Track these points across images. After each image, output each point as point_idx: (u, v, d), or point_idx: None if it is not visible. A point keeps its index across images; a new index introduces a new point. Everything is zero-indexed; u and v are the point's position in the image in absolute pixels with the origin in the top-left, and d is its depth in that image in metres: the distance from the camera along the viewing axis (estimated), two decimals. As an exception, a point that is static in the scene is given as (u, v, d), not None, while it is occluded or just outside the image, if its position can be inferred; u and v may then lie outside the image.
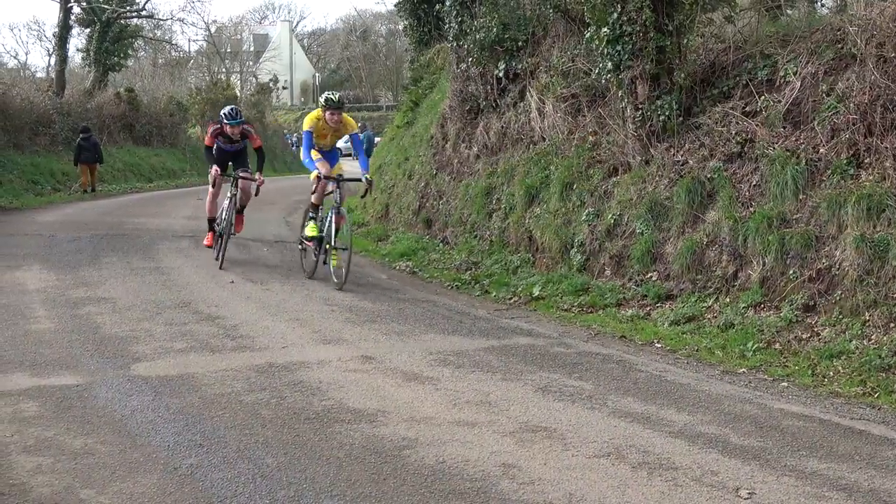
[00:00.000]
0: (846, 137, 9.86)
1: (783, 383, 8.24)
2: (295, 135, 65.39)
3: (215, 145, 14.32)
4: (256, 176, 14.19)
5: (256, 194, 14.44)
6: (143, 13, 44.78)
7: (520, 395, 7.68)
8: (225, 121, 14.07)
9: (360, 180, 13.62)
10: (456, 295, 12.73)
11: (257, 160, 14.44)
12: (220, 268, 13.89)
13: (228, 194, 14.55)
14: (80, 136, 29.30)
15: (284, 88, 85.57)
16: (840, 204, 9.44)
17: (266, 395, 7.57)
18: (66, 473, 5.77)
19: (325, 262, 13.24)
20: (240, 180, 14.38)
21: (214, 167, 14.07)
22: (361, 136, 15.33)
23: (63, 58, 38.80)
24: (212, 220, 14.65)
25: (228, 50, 79.60)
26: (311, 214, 13.61)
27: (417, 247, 16.24)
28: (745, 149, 10.91)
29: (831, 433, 6.81)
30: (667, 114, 11.77)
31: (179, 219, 21.12)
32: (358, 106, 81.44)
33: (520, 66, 15.42)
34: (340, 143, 15.36)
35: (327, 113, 12.85)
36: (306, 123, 13.06)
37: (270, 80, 68.56)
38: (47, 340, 9.36)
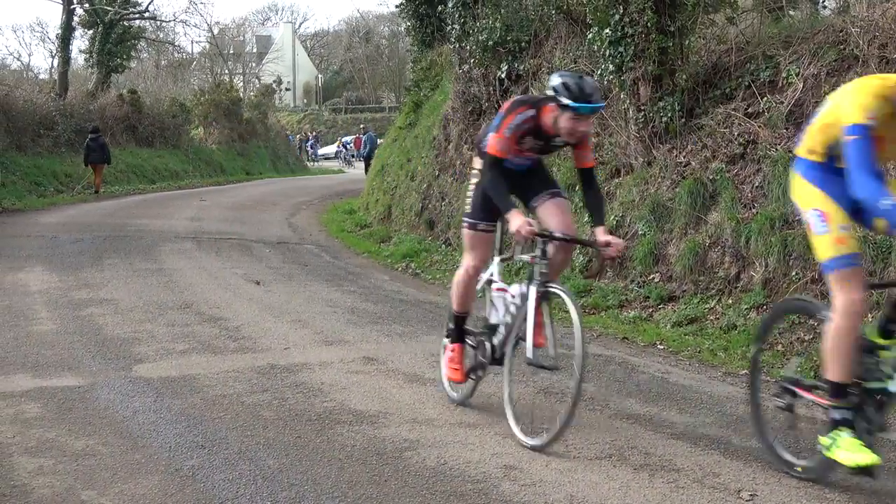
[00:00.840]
0: (848, 139, 9.84)
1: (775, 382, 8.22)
2: (297, 136, 65.34)
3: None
4: (602, 234, 6.76)
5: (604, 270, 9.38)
6: (146, 15, 44.80)
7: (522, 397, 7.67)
8: (566, 101, 6.41)
9: None
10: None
11: (589, 199, 7.08)
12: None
13: (530, 279, 6.86)
14: (89, 136, 29.43)
15: (287, 90, 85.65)
16: (843, 206, 9.42)
17: (268, 396, 7.58)
18: (67, 475, 5.78)
19: None
20: (552, 245, 6.84)
21: (515, 215, 6.69)
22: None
23: (66, 59, 38.84)
24: (462, 318, 7.38)
25: (231, 51, 79.68)
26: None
27: (420, 248, 16.25)
28: (748, 150, 10.90)
29: (833, 435, 6.79)
30: (669, 115, 11.77)
31: (182, 220, 21.14)
32: (361, 107, 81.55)
33: (522, 68, 15.42)
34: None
35: None
36: (861, 108, 5.40)
37: (274, 81, 68.64)
38: (49, 342, 9.38)
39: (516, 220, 6.60)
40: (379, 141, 38.21)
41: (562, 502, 5.43)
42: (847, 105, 5.51)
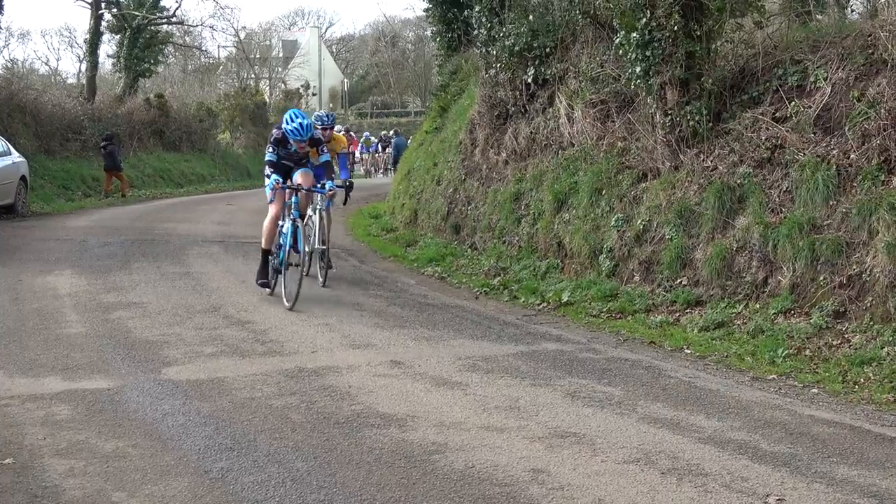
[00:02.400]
0: (877, 143, 9.81)
1: (813, 390, 8.20)
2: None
3: None
4: None
5: None
6: (174, 20, 45.00)
7: (549, 401, 7.68)
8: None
9: None
10: (485, 300, 12.73)
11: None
12: None
13: None
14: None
15: (314, 95, 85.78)
16: (871, 210, 9.39)
17: (296, 399, 7.61)
18: (98, 476, 5.82)
19: None
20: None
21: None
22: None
23: (94, 64, 39.02)
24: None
25: (257, 56, 79.81)
26: None
27: (446, 252, 16.25)
28: (775, 154, 10.86)
29: (862, 440, 6.78)
30: (696, 119, 11.74)
31: (209, 224, 21.21)
32: (386, 112, 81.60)
33: (549, 72, 15.40)
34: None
35: None
36: None
37: (302, 85, 68.71)
38: (79, 344, 9.44)
39: None
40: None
41: (589, 506, 5.45)
42: None
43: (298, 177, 12.11)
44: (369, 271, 15.29)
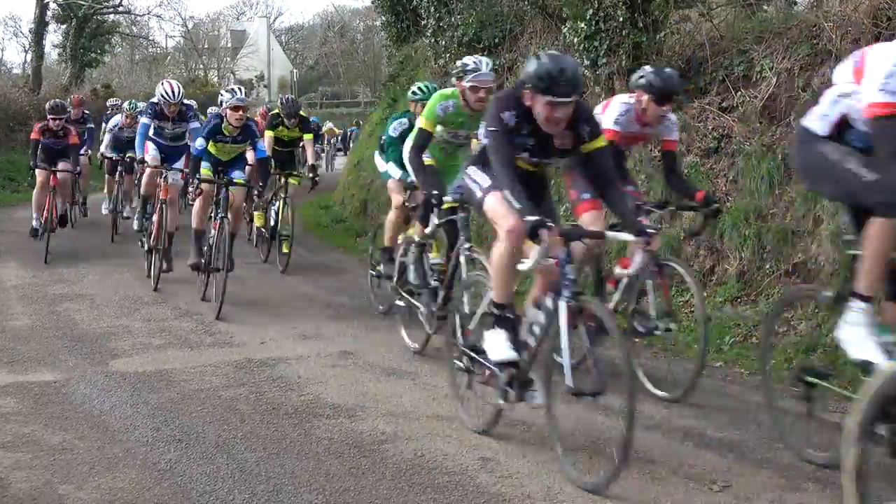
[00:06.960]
0: (822, 133, 9.90)
1: (759, 377, 8.26)
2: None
3: None
4: None
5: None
6: (120, 9, 44.61)
7: (498, 390, 7.69)
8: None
9: None
10: (434, 290, 12.71)
11: None
12: None
13: None
14: None
15: (265, 87, 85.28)
16: (816, 199, 9.48)
17: (245, 390, 7.59)
18: (44, 469, 5.78)
19: None
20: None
21: None
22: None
23: (39, 54, 38.61)
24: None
25: (205, 46, 79.22)
26: None
27: (396, 242, 16.22)
28: (722, 144, 10.94)
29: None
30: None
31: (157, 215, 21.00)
32: (336, 102, 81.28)
33: (498, 62, 15.40)
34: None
35: None
36: None
37: (256, 76, 68.40)
38: (25, 337, 9.36)
39: None
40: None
41: (538, 494, 5.47)
42: None
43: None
44: (319, 262, 15.25)
